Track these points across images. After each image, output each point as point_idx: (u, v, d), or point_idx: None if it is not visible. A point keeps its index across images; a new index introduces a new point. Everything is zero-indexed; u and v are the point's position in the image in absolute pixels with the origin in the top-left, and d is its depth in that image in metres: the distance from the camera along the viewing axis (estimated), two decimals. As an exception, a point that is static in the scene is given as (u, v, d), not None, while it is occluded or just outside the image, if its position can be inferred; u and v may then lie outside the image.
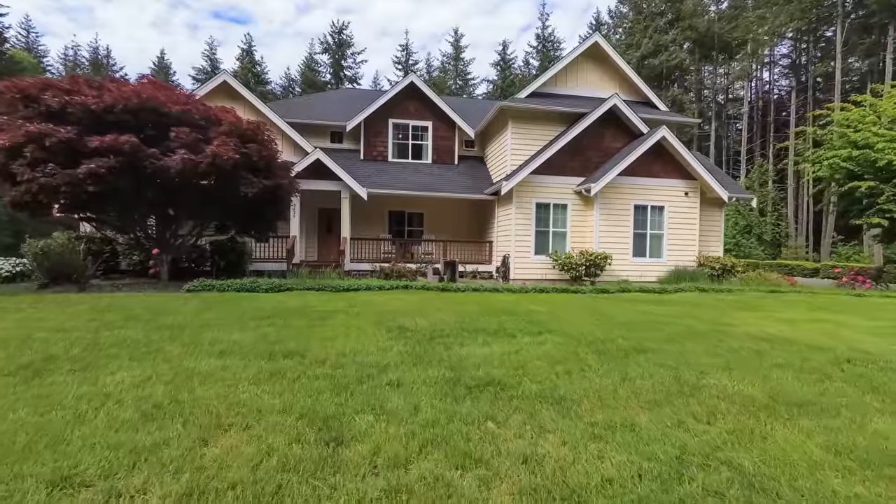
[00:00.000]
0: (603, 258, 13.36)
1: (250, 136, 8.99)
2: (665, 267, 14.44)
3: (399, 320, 6.01)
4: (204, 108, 9.01)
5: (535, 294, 10.56)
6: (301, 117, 17.04)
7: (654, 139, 13.87)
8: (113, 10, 70.23)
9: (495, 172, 16.94)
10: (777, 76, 42.19)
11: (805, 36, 34.59)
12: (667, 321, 6.64)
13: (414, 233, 17.88)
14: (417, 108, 17.57)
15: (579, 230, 14.64)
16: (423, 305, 7.42)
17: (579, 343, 5.02)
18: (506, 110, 15.04)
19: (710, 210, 15.39)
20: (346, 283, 9.24)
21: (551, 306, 7.94)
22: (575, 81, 16.33)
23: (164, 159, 7.87)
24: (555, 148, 14.04)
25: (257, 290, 8.56)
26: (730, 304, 9.14)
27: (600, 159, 14.82)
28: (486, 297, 9.17)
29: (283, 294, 8.48)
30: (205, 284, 8.63)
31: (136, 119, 8.04)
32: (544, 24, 54.73)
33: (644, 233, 14.51)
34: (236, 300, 7.53)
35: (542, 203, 14.48)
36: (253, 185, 8.73)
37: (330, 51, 55.46)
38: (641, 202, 14.41)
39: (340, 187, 14.33)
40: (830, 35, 36.22)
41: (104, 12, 72.10)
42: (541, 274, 14.33)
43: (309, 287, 8.98)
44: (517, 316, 6.66)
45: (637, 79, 16.12)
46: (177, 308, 6.60)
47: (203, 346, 4.47)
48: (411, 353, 4.46)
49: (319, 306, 7.00)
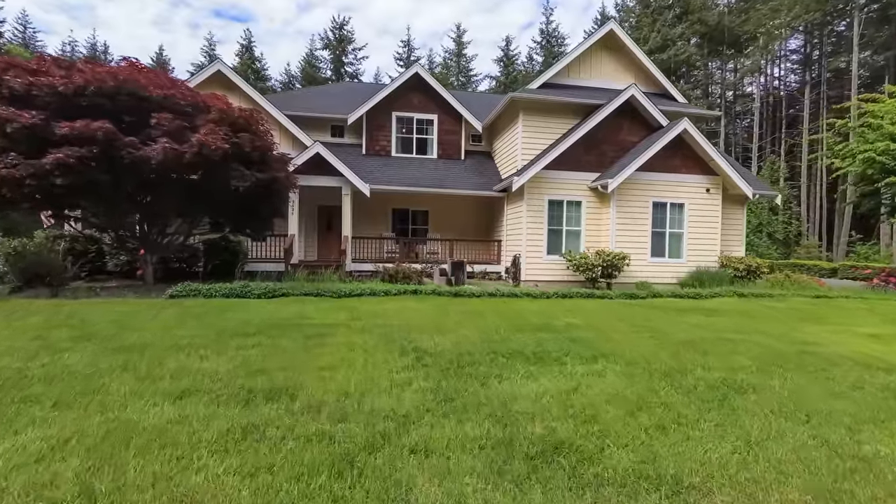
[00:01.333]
0: (621, 259, 12.53)
1: (242, 124, 8.12)
2: (685, 268, 13.60)
3: (413, 338, 5.06)
4: (191, 93, 8.11)
5: (559, 300, 9.57)
6: (300, 110, 16.19)
7: (675, 132, 13.02)
8: (114, 9, 69.55)
9: (504, 168, 16.10)
10: (785, 72, 41.34)
11: (818, 30, 33.71)
12: (735, 339, 5.64)
13: (418, 231, 17.05)
14: (422, 100, 16.71)
15: (594, 229, 13.81)
16: (438, 317, 6.47)
17: (650, 374, 4.04)
18: (517, 102, 14.19)
19: (731, 208, 14.52)
20: (348, 286, 8.37)
21: (585, 317, 6.98)
22: (588, 72, 15.48)
23: (143, 149, 6.95)
24: (569, 141, 13.19)
25: (248, 296, 7.67)
26: (786, 314, 8.12)
27: (616, 154, 13.97)
28: (506, 305, 8.20)
29: (276, 301, 7.54)
30: (190, 289, 7.75)
31: (112, 104, 7.13)
32: (548, 18, 53.79)
33: (663, 231, 13.67)
34: (222, 309, 6.59)
35: (555, 200, 13.64)
36: (245, 178, 7.83)
37: (331, 47, 54.54)
38: (660, 199, 13.57)
39: (341, 183, 13.50)
40: (841, 29, 35.37)
41: (105, 10, 71.43)
42: (553, 275, 13.50)
43: (307, 292, 8.09)
44: (554, 332, 5.68)
45: (654, 69, 15.26)
46: (147, 321, 5.69)
47: (162, 382, 3.50)
48: (437, 391, 3.44)
49: (317, 318, 6.08)
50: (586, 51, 15.24)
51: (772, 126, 38.81)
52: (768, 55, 35.67)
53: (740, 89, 41.49)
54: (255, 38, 61.88)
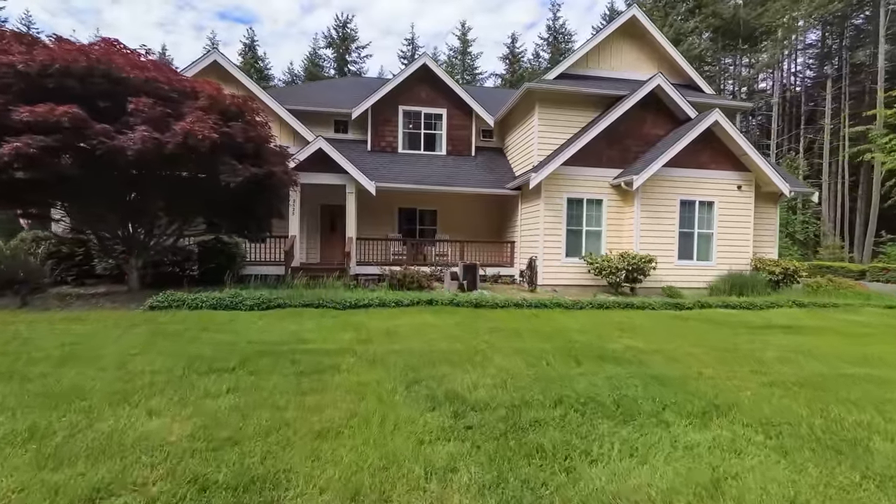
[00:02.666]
0: (647, 261, 11.56)
1: (235, 113, 7.24)
2: (715, 271, 12.62)
3: (443, 374, 3.97)
4: (177, 77, 7.24)
5: (597, 312, 8.38)
6: (301, 104, 15.34)
7: (705, 124, 12.04)
8: (119, 12, 69.32)
9: (517, 165, 15.18)
10: (801, 67, 40.05)
11: (838, 22, 32.52)
12: (865, 375, 4.43)
13: (426, 232, 16.15)
14: (430, 93, 15.82)
15: (616, 229, 12.86)
16: (465, 338, 5.41)
17: (810, 449, 2.79)
18: (533, 93, 13.26)
19: (763, 206, 13.49)
20: (354, 295, 7.43)
21: (644, 337, 5.88)
22: (608, 62, 14.53)
23: (118, 138, 6.11)
24: (589, 135, 12.25)
25: (239, 307, 6.74)
26: (886, 333, 6.86)
27: (640, 148, 13.02)
28: (540, 320, 7.08)
29: (270, 315, 6.53)
30: (173, 299, 6.84)
31: (83, 87, 6.27)
32: (555, 15, 52.75)
33: (691, 232, 12.70)
34: (203, 326, 5.61)
35: (575, 198, 12.70)
36: (237, 172, 6.94)
37: (334, 45, 53.86)
38: (688, 197, 12.59)
39: (345, 181, 12.62)
40: (859, 22, 34.13)
41: (111, 13, 71.26)
42: (572, 279, 12.56)
43: (306, 302, 7.14)
44: (620, 362, 4.59)
45: (679, 58, 14.29)
46: (105, 346, 4.67)
47: (72, 466, 2.30)
48: (499, 486, 2.26)
49: (316, 341, 5.08)
50: (606, 39, 14.29)
51: (788, 122, 37.59)
52: (787, 49, 34.48)
53: (755, 85, 40.26)
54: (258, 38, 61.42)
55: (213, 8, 67.94)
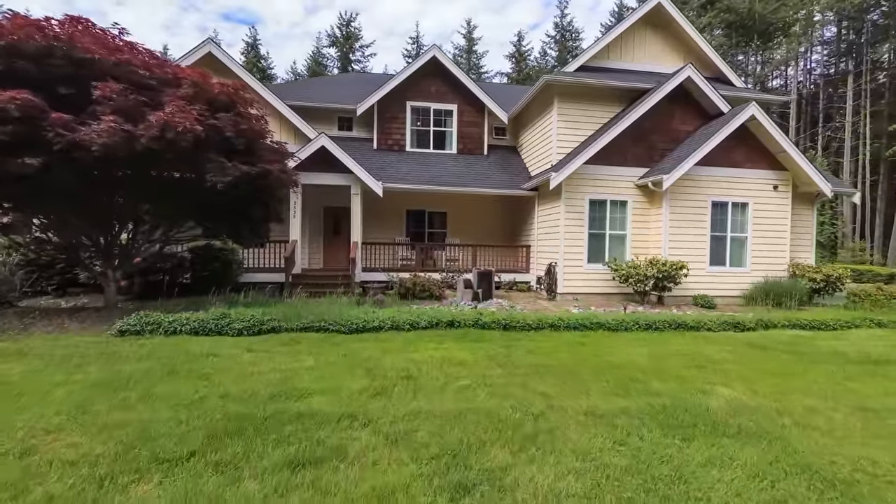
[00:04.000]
0: (678, 268, 10.61)
1: (224, 103, 6.32)
2: (750, 278, 11.64)
3: (499, 467, 2.78)
4: (156, 62, 6.29)
5: (653, 336, 6.93)
6: (303, 100, 14.48)
7: (740, 119, 11.07)
8: (124, 13, 68.90)
9: (533, 164, 14.25)
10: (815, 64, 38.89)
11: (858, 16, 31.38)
12: None
13: (435, 235, 15.25)
14: (440, 88, 14.92)
15: (641, 233, 11.91)
16: (513, 389, 4.20)
17: None
18: (552, 86, 12.33)
19: (799, 207, 12.49)
20: (361, 315, 6.35)
21: (743, 385, 4.56)
22: (631, 53, 13.58)
23: (79, 130, 5.19)
24: (614, 132, 11.31)
25: (225, 331, 5.70)
26: None
27: (667, 146, 12.07)
28: (592, 351, 5.73)
29: (261, 343, 5.42)
30: (147, 322, 5.77)
31: (39, 69, 5.33)
32: (563, 11, 51.72)
33: (723, 236, 11.73)
34: (170, 365, 4.49)
35: (597, 199, 11.76)
36: (226, 171, 5.99)
37: (337, 44, 53.12)
38: (720, 198, 11.63)
39: (350, 181, 11.74)
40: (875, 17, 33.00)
41: (116, 15, 70.86)
42: (595, 286, 11.63)
43: (306, 325, 6.09)
44: (746, 438, 3.30)
45: (708, 48, 13.32)
46: (21, 404, 3.54)
47: None
48: None
49: (315, 393, 3.91)
50: (628, 29, 13.35)
51: (804, 120, 36.45)
52: (804, 44, 33.37)
53: (768, 83, 39.13)
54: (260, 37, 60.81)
55: (217, 10, 67.42)
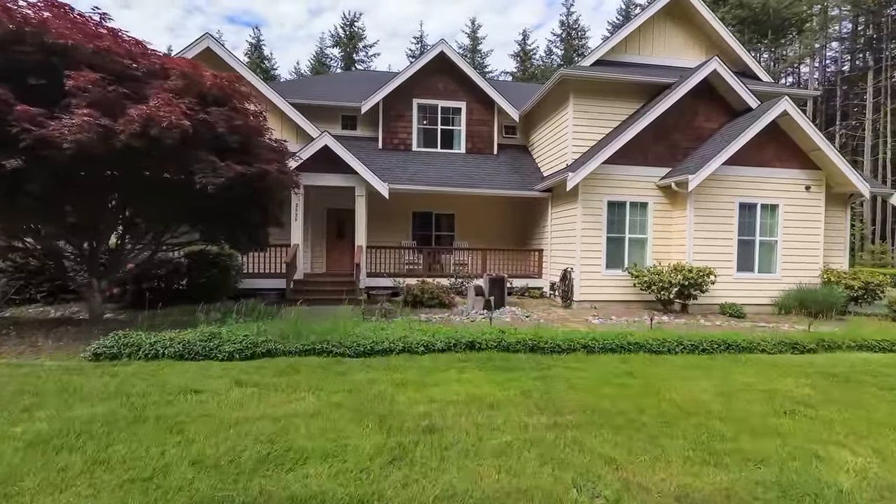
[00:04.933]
0: (705, 275, 9.90)
1: (217, 96, 5.69)
2: (780, 285, 10.90)
3: None
4: (142, 51, 5.66)
5: (705, 360, 5.74)
6: (305, 97, 13.90)
7: (772, 114, 10.34)
8: (129, 16, 68.81)
9: (546, 163, 13.58)
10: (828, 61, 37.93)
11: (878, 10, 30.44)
12: None
13: (442, 238, 14.61)
14: (448, 85, 14.28)
15: (663, 236, 11.20)
16: (566, 450, 3.23)
17: None
18: (567, 81, 11.65)
19: (831, 208, 11.73)
20: (370, 335, 5.47)
21: (858, 443, 3.55)
22: (650, 47, 12.88)
23: (48, 125, 4.53)
24: (634, 129, 10.61)
25: (213, 355, 4.94)
26: None
27: (690, 144, 11.36)
28: (645, 383, 4.76)
29: (252, 374, 4.50)
30: (125, 344, 5.00)
31: (5, 57, 4.68)
32: (569, 10, 50.96)
33: (751, 240, 10.99)
34: (136, 411, 3.62)
35: (616, 201, 11.07)
36: (218, 172, 5.32)
37: (341, 44, 52.68)
38: (748, 199, 10.90)
39: (355, 182, 11.12)
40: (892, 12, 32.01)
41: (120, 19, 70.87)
42: (614, 293, 10.94)
43: (306, 347, 5.29)
44: None
45: (732, 40, 12.59)
46: None
47: None
48: None
49: (314, 457, 3.00)
50: (647, 21, 12.65)
51: (819, 118, 35.48)
52: (821, 39, 32.45)
53: (782, 79, 38.19)
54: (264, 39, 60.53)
55: (222, 12, 67.21)
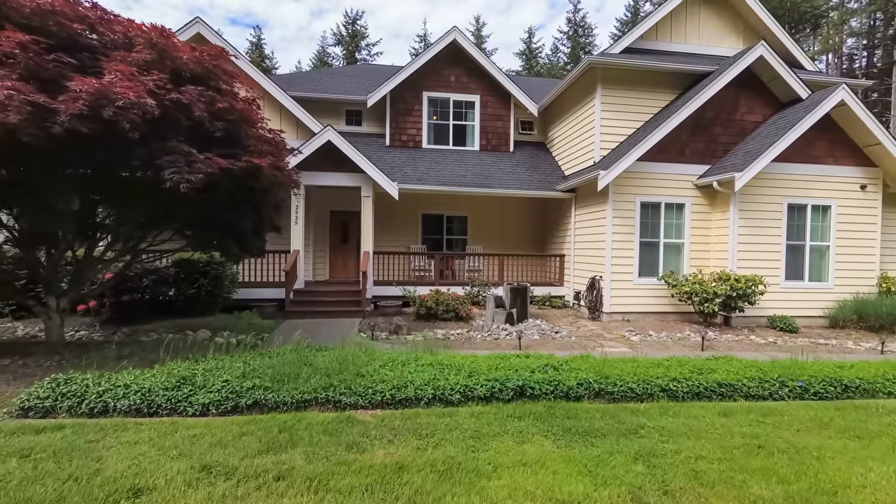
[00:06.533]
0: (754, 284, 8.81)
1: (197, 74, 4.59)
2: (833, 295, 9.79)
3: None
4: (100, 15, 4.59)
5: (831, 408, 4.43)
6: (307, 91, 12.89)
7: (828, 105, 9.25)
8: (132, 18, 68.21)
9: (566, 161, 12.51)
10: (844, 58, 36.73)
11: None
12: None
13: (454, 243, 13.55)
14: (461, 76, 13.22)
15: (701, 241, 10.12)
16: None
17: None
18: (595, 69, 10.57)
19: (886, 210, 10.61)
20: (388, 375, 4.28)
21: None
22: (682, 34, 11.80)
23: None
24: (672, 123, 9.53)
25: (181, 409, 3.71)
26: None
27: (731, 139, 10.28)
28: (803, 472, 3.15)
29: (228, 453, 3.12)
30: (64, 394, 3.77)
31: None
32: (576, 7, 49.84)
33: (800, 244, 9.90)
34: None
35: (650, 202, 9.99)
36: (193, 166, 4.18)
37: (343, 42, 51.78)
38: (798, 200, 9.80)
39: (361, 182, 10.08)
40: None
41: (121, 18, 70.29)
42: (647, 304, 9.86)
43: (306, 398, 3.92)
44: None
45: (775, 25, 11.47)
46: None
47: None
48: None
49: None
50: (679, 6, 11.56)
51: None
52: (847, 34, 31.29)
53: (797, 77, 37.01)
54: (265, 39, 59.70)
55: (224, 14, 66.33)
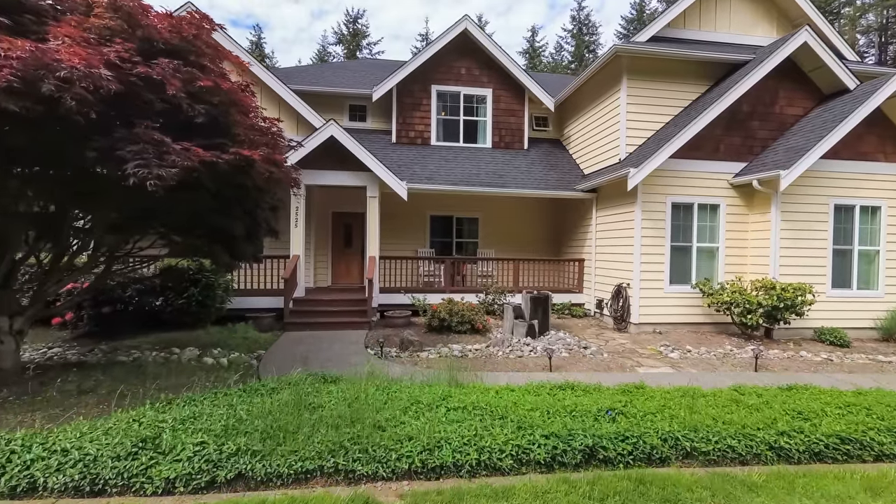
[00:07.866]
0: (802, 293, 7.96)
1: (175, 47, 3.75)
2: (883, 304, 8.94)
3: None
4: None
5: None
6: (308, 84, 12.07)
7: (882, 96, 8.40)
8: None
9: (586, 159, 11.67)
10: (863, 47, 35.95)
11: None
12: None
13: (464, 246, 12.71)
14: (472, 69, 12.38)
15: (737, 245, 9.28)
16: None
17: None
18: (620, 58, 9.72)
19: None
20: (415, 428, 3.31)
21: None
22: (712, 21, 10.96)
23: None
24: (707, 117, 8.69)
25: (138, 487, 2.72)
26: None
27: (769, 134, 9.44)
28: None
29: None
30: None
31: None
32: (580, 4, 49.08)
33: (848, 249, 9.04)
34: None
35: (681, 203, 9.15)
36: (165, 159, 3.32)
37: (344, 41, 51.06)
38: (845, 200, 8.96)
39: (366, 181, 9.24)
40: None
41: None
42: (678, 315, 9.01)
43: (307, 466, 2.93)
44: None
45: (813, 12, 10.62)
46: None
47: None
48: None
49: None
50: (710, -9, 10.74)
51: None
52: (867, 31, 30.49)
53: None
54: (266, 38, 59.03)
55: (224, 15, 65.60)
